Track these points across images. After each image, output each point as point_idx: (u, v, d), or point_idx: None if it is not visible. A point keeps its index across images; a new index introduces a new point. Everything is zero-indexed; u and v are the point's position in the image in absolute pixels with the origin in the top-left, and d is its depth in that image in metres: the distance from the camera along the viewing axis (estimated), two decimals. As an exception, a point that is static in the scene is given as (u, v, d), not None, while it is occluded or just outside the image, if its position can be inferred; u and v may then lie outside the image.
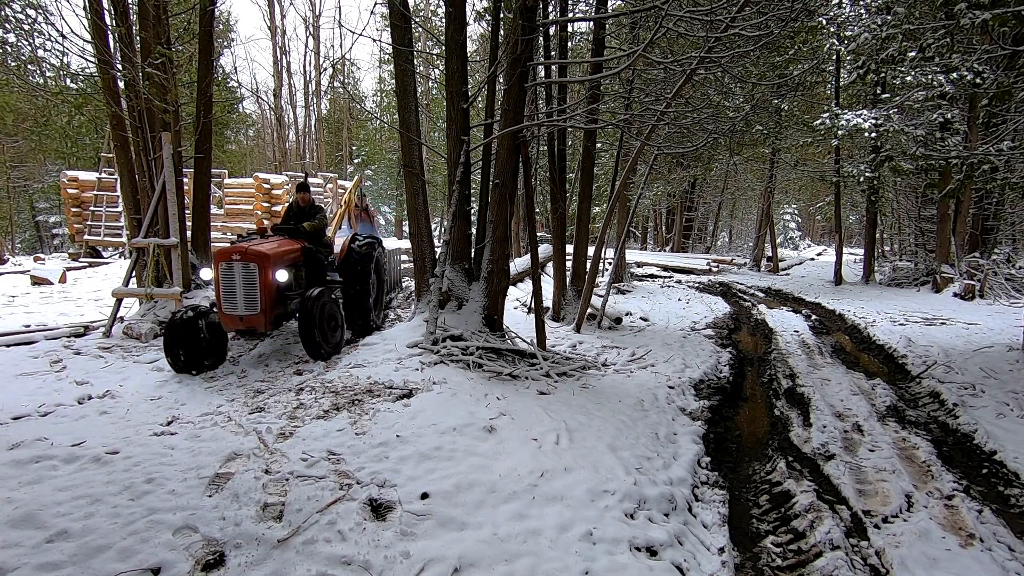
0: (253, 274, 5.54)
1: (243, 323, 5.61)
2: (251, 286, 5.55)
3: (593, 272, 9.00)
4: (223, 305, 5.57)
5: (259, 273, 5.55)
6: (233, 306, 5.56)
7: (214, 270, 5.57)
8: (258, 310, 5.58)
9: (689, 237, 27.13)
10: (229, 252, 5.55)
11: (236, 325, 5.63)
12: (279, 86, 31.04)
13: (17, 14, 9.29)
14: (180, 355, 5.51)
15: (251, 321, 5.61)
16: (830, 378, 6.77)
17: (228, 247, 5.61)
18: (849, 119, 11.59)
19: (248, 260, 5.54)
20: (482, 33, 16.87)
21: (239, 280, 5.54)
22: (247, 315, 5.58)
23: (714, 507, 3.74)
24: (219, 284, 5.56)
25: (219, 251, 5.59)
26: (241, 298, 5.56)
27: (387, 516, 3.07)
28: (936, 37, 7.85)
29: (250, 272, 5.54)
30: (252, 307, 5.58)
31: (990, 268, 13.46)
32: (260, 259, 5.58)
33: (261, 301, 5.57)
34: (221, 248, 5.68)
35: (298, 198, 7.03)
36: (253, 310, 5.58)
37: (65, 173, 16.92)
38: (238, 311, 5.56)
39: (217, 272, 5.55)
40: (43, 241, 27.37)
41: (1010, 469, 4.30)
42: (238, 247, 5.58)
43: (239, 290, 5.54)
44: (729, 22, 5.81)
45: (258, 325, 5.65)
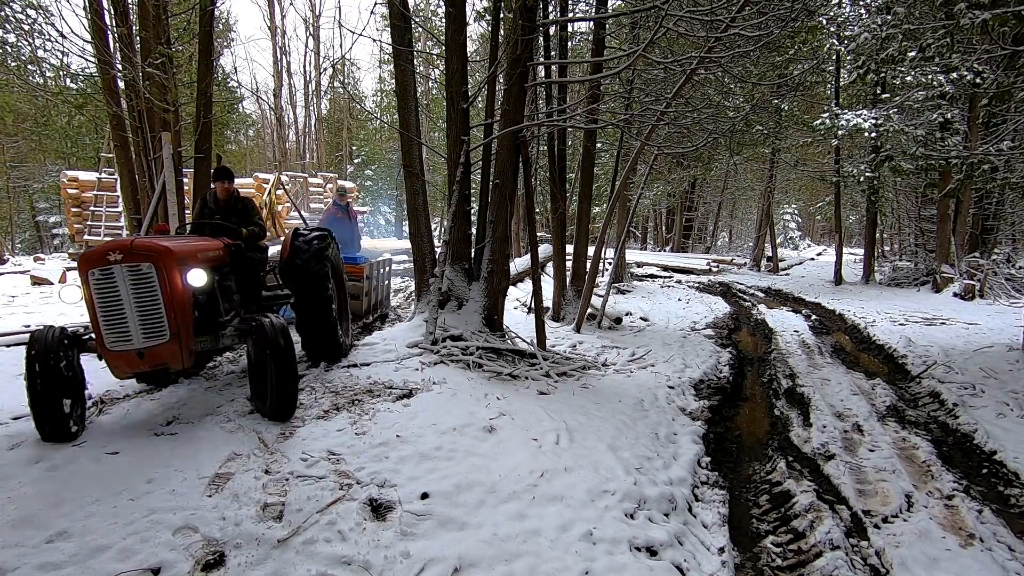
0: (149, 280, 3.65)
1: (144, 361, 3.67)
2: (149, 299, 3.66)
3: (593, 272, 9.00)
4: (105, 337, 3.60)
5: (159, 277, 3.66)
6: (123, 336, 3.61)
7: (83, 283, 3.60)
8: (167, 336, 3.68)
9: (689, 237, 27.13)
10: (102, 252, 3.60)
11: (132, 366, 3.70)
12: (279, 86, 31.06)
13: (17, 14, 9.28)
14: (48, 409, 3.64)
15: (158, 356, 3.69)
16: (830, 378, 6.77)
17: (97, 246, 3.72)
18: (849, 119, 11.59)
19: (136, 260, 3.61)
20: (482, 33, 16.87)
21: (127, 294, 3.61)
22: (149, 347, 3.65)
23: (714, 507, 3.74)
24: (92, 306, 3.59)
25: (85, 255, 3.64)
26: (135, 321, 3.62)
27: (387, 516, 3.07)
28: (936, 37, 7.86)
29: (143, 277, 3.64)
30: (156, 332, 3.67)
31: (990, 268, 13.46)
32: (157, 256, 3.67)
33: (171, 321, 3.69)
34: (88, 250, 3.74)
35: (216, 189, 5.13)
36: (158, 337, 3.67)
37: (65, 173, 16.91)
38: (133, 343, 3.62)
39: (87, 287, 3.58)
40: (43, 241, 27.37)
41: (1010, 469, 4.30)
42: (117, 242, 3.70)
43: (130, 309, 3.63)
44: (729, 22, 5.82)
45: (171, 360, 3.75)
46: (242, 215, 5.16)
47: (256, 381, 4.13)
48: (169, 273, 3.73)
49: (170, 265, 3.75)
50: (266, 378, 3.99)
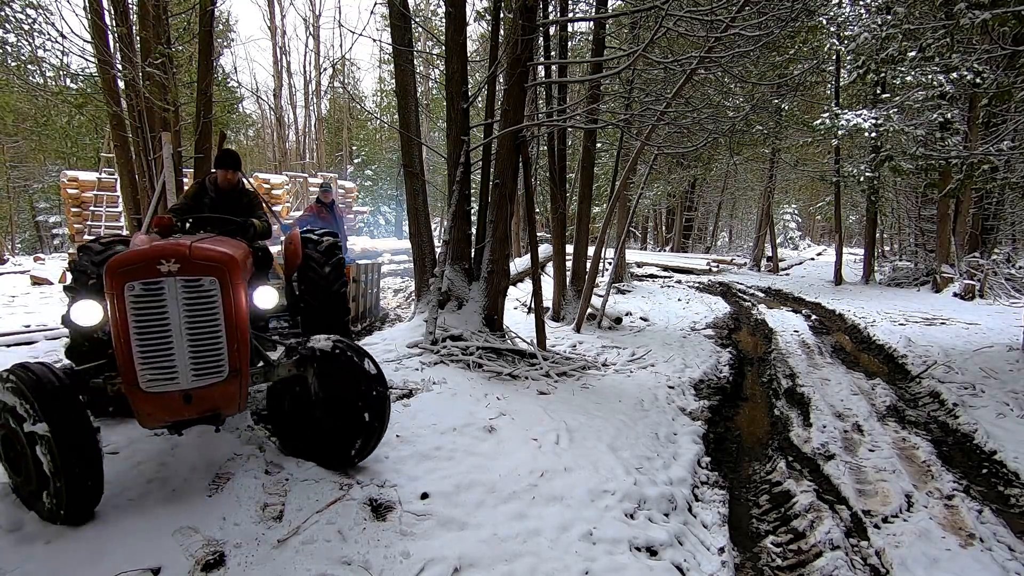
0: (210, 299, 2.81)
1: (192, 407, 2.80)
2: (208, 324, 2.80)
3: (593, 272, 9.00)
4: (141, 374, 2.69)
5: (223, 296, 2.84)
6: (166, 373, 2.72)
7: (112, 300, 2.68)
8: (224, 373, 2.85)
9: (689, 237, 27.13)
10: (148, 258, 2.71)
11: (174, 412, 2.79)
12: (279, 86, 31.08)
13: (17, 14, 9.29)
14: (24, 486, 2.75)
15: (209, 399, 2.84)
16: (830, 378, 6.77)
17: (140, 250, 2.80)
18: (849, 119, 11.60)
19: (196, 272, 2.78)
20: (482, 33, 16.87)
21: (178, 316, 2.73)
22: (201, 387, 2.79)
23: (714, 507, 3.74)
24: (122, 330, 2.67)
25: (119, 261, 2.71)
26: (184, 353, 2.75)
27: (387, 516, 3.07)
28: (936, 37, 7.86)
29: (204, 295, 2.80)
30: (212, 368, 2.82)
31: (990, 268, 13.46)
32: (223, 267, 2.85)
33: (231, 353, 2.87)
34: (126, 253, 2.79)
35: (217, 176, 4.27)
36: (214, 374, 2.82)
37: (65, 173, 16.91)
38: (179, 382, 2.75)
39: (118, 304, 2.67)
40: (43, 241, 27.38)
41: (1010, 469, 4.30)
42: (168, 247, 2.80)
43: (179, 337, 2.73)
44: (729, 22, 5.82)
45: (225, 404, 2.92)
46: (246, 211, 4.29)
47: (314, 422, 3.33)
48: (235, 290, 2.86)
49: (236, 280, 2.89)
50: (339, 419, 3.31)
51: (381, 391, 3.30)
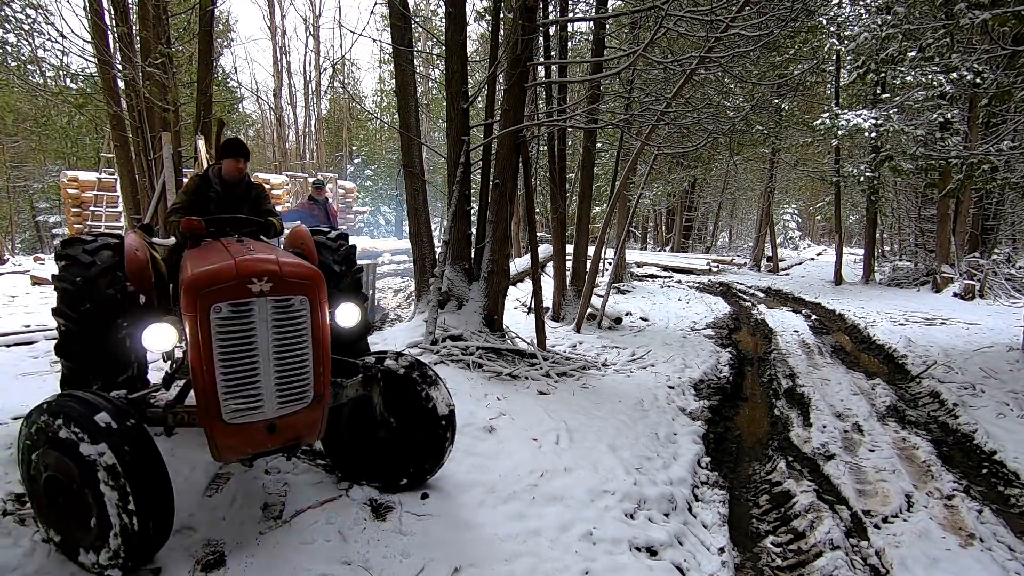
0: (300, 319, 2.62)
1: (275, 436, 2.60)
2: (296, 347, 2.61)
3: (593, 272, 9.00)
4: (225, 405, 2.47)
5: (312, 315, 2.65)
6: (252, 402, 2.52)
7: (194, 323, 2.42)
8: (309, 399, 2.67)
9: (689, 237, 27.13)
10: (238, 276, 2.48)
11: (257, 444, 2.59)
12: (279, 86, 31.07)
13: (17, 14, 9.29)
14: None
15: (293, 428, 2.65)
16: (830, 378, 6.77)
17: (225, 267, 2.52)
18: (849, 119, 11.60)
19: (287, 291, 2.58)
20: (482, 33, 16.87)
21: (267, 339, 2.53)
22: (286, 416, 2.61)
23: (714, 507, 3.74)
24: (204, 357, 2.43)
25: (200, 279, 2.46)
26: (270, 380, 2.55)
27: (387, 516, 3.07)
28: (936, 37, 7.86)
29: (294, 316, 2.60)
30: (297, 395, 2.64)
31: (990, 268, 13.47)
32: (313, 285, 2.68)
33: (317, 377, 2.69)
34: (210, 272, 2.50)
35: (223, 168, 3.82)
36: (298, 401, 2.64)
37: (65, 173, 16.92)
38: (263, 411, 2.55)
39: (200, 329, 2.42)
40: (43, 241, 27.36)
41: (1010, 469, 4.30)
42: (256, 262, 2.58)
43: (266, 362, 2.53)
44: (729, 22, 5.82)
45: (308, 432, 2.74)
46: (255, 206, 3.96)
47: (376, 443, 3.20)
48: (322, 309, 2.68)
49: (324, 298, 2.71)
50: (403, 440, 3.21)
51: (449, 412, 3.25)
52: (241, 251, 2.82)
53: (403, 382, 3.20)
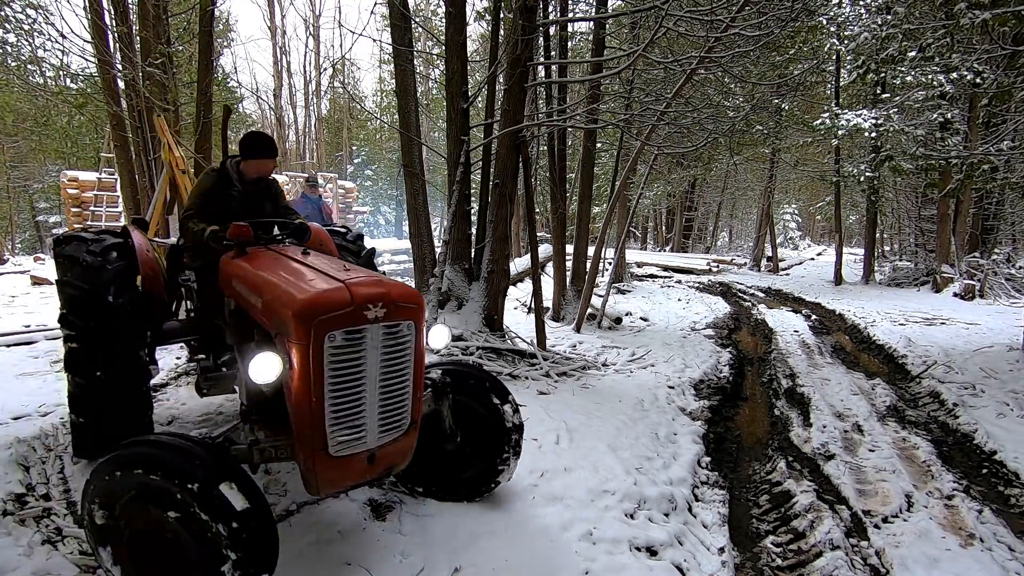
0: (405, 345, 2.51)
1: (374, 467, 2.51)
2: (400, 374, 2.51)
3: (593, 272, 9.00)
4: (332, 436, 2.35)
5: (415, 340, 2.55)
6: (356, 433, 2.41)
7: (305, 352, 2.25)
8: (406, 425, 2.60)
9: (689, 237, 27.13)
10: (352, 302, 2.31)
11: (357, 475, 2.50)
12: (279, 86, 31.08)
13: (17, 14, 9.29)
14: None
15: (390, 457, 2.57)
16: (830, 378, 6.77)
17: (338, 292, 2.33)
18: (849, 119, 11.60)
19: (398, 316, 2.44)
20: (482, 33, 16.88)
21: (375, 367, 2.41)
22: (385, 444, 2.51)
23: (714, 507, 3.74)
24: (320, 388, 2.29)
25: (311, 304, 2.27)
26: (374, 408, 2.44)
27: (387, 516, 3.07)
28: (936, 37, 7.86)
29: (400, 342, 2.49)
30: (396, 421, 2.55)
31: (990, 268, 13.47)
32: (418, 308, 2.55)
33: (414, 402, 2.62)
34: (322, 296, 2.30)
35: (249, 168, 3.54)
36: (397, 428, 2.56)
37: (65, 173, 16.92)
38: (366, 441, 2.44)
39: (310, 358, 2.26)
40: (43, 241, 27.34)
41: (1010, 469, 4.30)
42: (372, 287, 2.41)
43: (372, 390, 2.42)
44: (729, 22, 5.82)
45: (402, 459, 2.66)
46: (274, 203, 3.75)
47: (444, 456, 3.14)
48: (421, 332, 2.58)
49: (423, 321, 2.60)
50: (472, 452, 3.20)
51: (518, 423, 3.21)
52: (331, 268, 2.62)
53: (474, 394, 3.16)
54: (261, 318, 2.57)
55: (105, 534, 2.17)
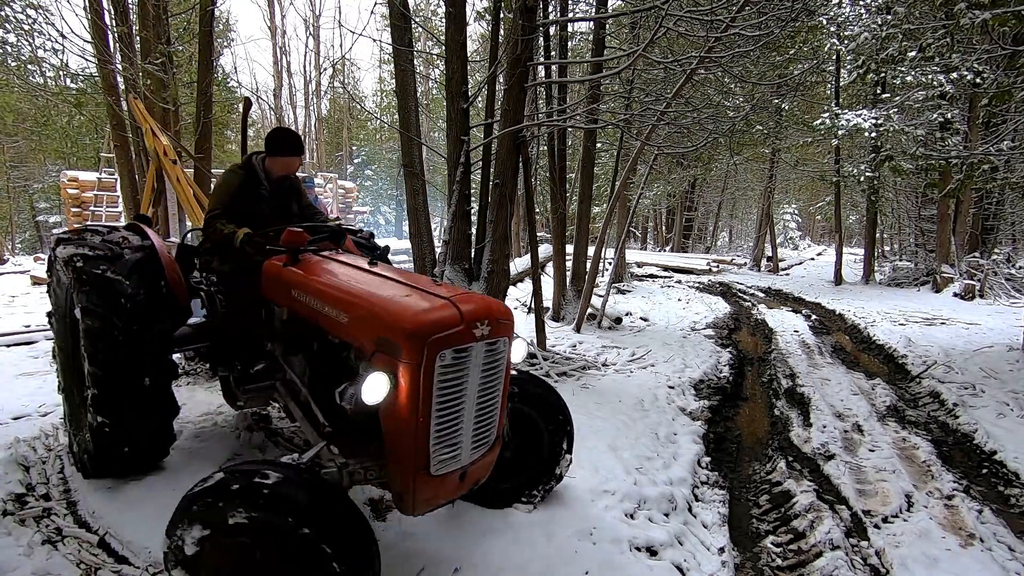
0: (500, 361, 2.51)
1: (463, 484, 2.51)
2: (494, 390, 2.53)
3: (593, 272, 9.00)
4: (435, 455, 2.32)
5: (507, 359, 2.58)
6: (454, 451, 2.40)
7: (415, 372, 2.19)
8: (492, 440, 2.62)
9: (689, 237, 27.13)
10: (469, 319, 2.31)
11: (447, 493, 2.49)
12: (279, 86, 31.08)
13: (17, 14, 9.29)
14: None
15: (477, 473, 2.57)
16: (830, 378, 6.77)
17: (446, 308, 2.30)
18: (849, 119, 11.60)
19: (499, 332, 2.45)
20: (482, 33, 16.87)
21: (474, 384, 2.40)
22: (475, 461, 2.52)
23: (714, 507, 3.74)
24: (428, 408, 2.24)
25: (434, 323, 2.23)
26: (469, 425, 2.43)
27: (387, 516, 3.07)
28: (936, 37, 7.86)
29: (497, 358, 2.49)
30: (486, 437, 2.57)
31: (990, 268, 13.47)
32: (512, 324, 2.58)
33: (501, 418, 2.65)
34: (433, 315, 2.26)
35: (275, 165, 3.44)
36: (486, 443, 2.58)
37: (65, 173, 16.92)
38: (460, 459, 2.44)
39: (428, 378, 2.21)
40: (43, 241, 27.33)
41: (1010, 469, 4.30)
42: (479, 304, 2.41)
43: (469, 408, 2.41)
44: (729, 22, 5.82)
45: (486, 475, 2.67)
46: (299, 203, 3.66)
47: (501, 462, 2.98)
48: (509, 350, 2.57)
49: (511, 339, 2.59)
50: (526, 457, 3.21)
51: (570, 429, 3.26)
52: (421, 283, 2.60)
53: (533, 401, 3.17)
54: (347, 333, 2.47)
55: (196, 566, 2.02)
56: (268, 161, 3.42)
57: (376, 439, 2.37)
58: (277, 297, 2.95)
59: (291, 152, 3.40)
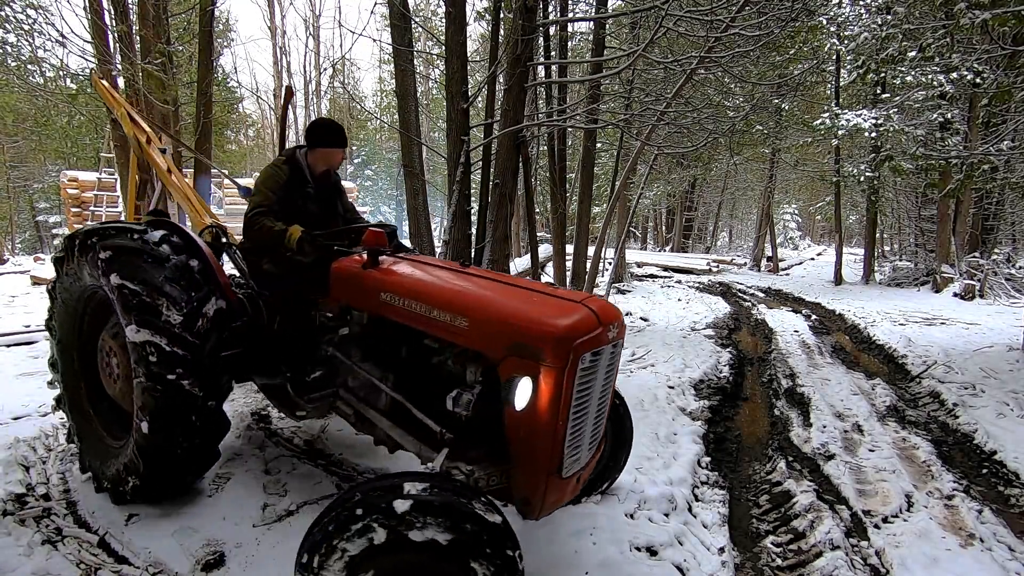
0: (615, 363, 2.54)
1: (577, 486, 2.54)
2: (608, 391, 2.56)
3: (593, 272, 9.01)
4: (568, 457, 2.32)
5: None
6: (579, 452, 2.42)
7: (560, 376, 2.14)
8: (599, 439, 2.66)
9: (689, 237, 27.14)
10: (605, 321, 2.31)
11: (565, 496, 2.50)
12: (279, 86, 31.07)
13: (17, 14, 9.29)
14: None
15: (585, 474, 2.58)
16: (830, 378, 6.77)
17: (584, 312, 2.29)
18: (849, 119, 11.60)
19: (621, 334, 2.46)
20: (482, 33, 16.87)
21: (599, 386, 2.41)
22: (589, 461, 2.56)
23: (714, 507, 3.74)
24: (566, 411, 2.21)
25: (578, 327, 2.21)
26: (590, 425, 2.44)
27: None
28: (936, 37, 7.87)
29: (615, 359, 2.52)
30: (597, 439, 2.61)
31: (990, 268, 13.47)
32: (625, 326, 2.58)
33: (604, 420, 2.65)
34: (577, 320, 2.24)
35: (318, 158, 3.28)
36: (597, 445, 2.63)
37: (65, 173, 16.92)
38: (580, 460, 2.45)
39: (570, 382, 2.18)
40: (43, 241, 27.35)
41: (1010, 469, 4.30)
42: (608, 306, 2.42)
43: (592, 410, 2.42)
44: (729, 22, 5.83)
45: (589, 473, 2.68)
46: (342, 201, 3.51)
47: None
48: None
49: None
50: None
51: (630, 425, 3.28)
52: (535, 285, 2.60)
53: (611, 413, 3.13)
54: (465, 339, 2.39)
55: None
56: (311, 155, 3.25)
57: (482, 444, 2.36)
58: (356, 300, 2.84)
59: (335, 143, 3.23)
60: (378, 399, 2.81)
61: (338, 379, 2.99)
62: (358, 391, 2.92)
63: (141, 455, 2.73)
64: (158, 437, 2.68)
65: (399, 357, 2.73)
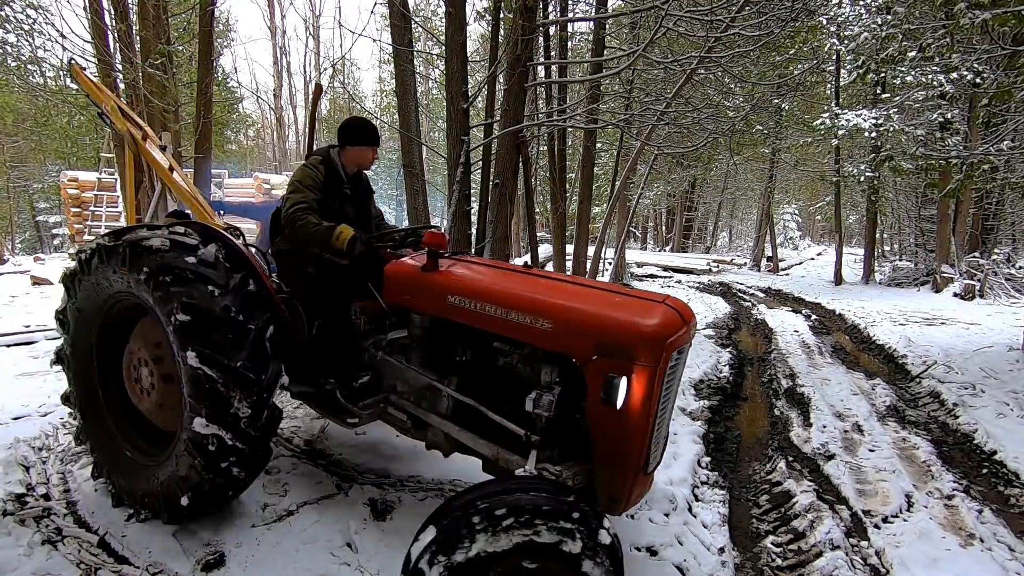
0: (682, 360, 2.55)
1: (648, 477, 2.59)
2: (677, 389, 2.65)
3: (593, 272, 9.01)
4: (655, 451, 2.48)
5: None
6: (658, 447, 2.55)
7: (652, 375, 2.19)
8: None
9: (689, 237, 27.14)
10: (688, 321, 2.42)
11: (642, 492, 2.56)
12: (279, 86, 31.10)
13: (17, 14, 9.29)
14: None
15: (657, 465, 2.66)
16: (830, 378, 6.77)
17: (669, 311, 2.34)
18: (849, 119, 11.60)
19: (694, 333, 2.55)
20: (482, 33, 16.87)
21: (675, 382, 2.52)
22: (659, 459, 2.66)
23: (714, 507, 3.73)
24: (655, 408, 2.28)
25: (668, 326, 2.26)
26: (663, 425, 2.54)
27: (387, 516, 3.07)
28: (936, 37, 7.87)
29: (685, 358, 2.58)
30: (666, 436, 2.77)
31: (990, 268, 13.47)
32: None
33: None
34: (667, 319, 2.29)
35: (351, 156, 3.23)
36: (665, 441, 2.79)
37: (65, 173, 16.92)
38: (656, 456, 2.56)
39: (660, 379, 2.24)
40: (43, 241, 27.36)
41: (1010, 469, 4.30)
42: (687, 306, 2.49)
43: (671, 408, 2.59)
44: (729, 22, 5.83)
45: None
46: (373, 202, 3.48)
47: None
48: None
49: None
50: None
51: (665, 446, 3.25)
52: (608, 286, 2.66)
53: None
54: (548, 341, 2.37)
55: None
56: (344, 154, 3.19)
57: (556, 444, 2.38)
58: (418, 303, 2.77)
59: (369, 141, 3.18)
60: (439, 403, 2.77)
61: (386, 383, 2.94)
62: (413, 396, 2.87)
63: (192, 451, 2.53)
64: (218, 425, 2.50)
65: (464, 360, 2.70)
